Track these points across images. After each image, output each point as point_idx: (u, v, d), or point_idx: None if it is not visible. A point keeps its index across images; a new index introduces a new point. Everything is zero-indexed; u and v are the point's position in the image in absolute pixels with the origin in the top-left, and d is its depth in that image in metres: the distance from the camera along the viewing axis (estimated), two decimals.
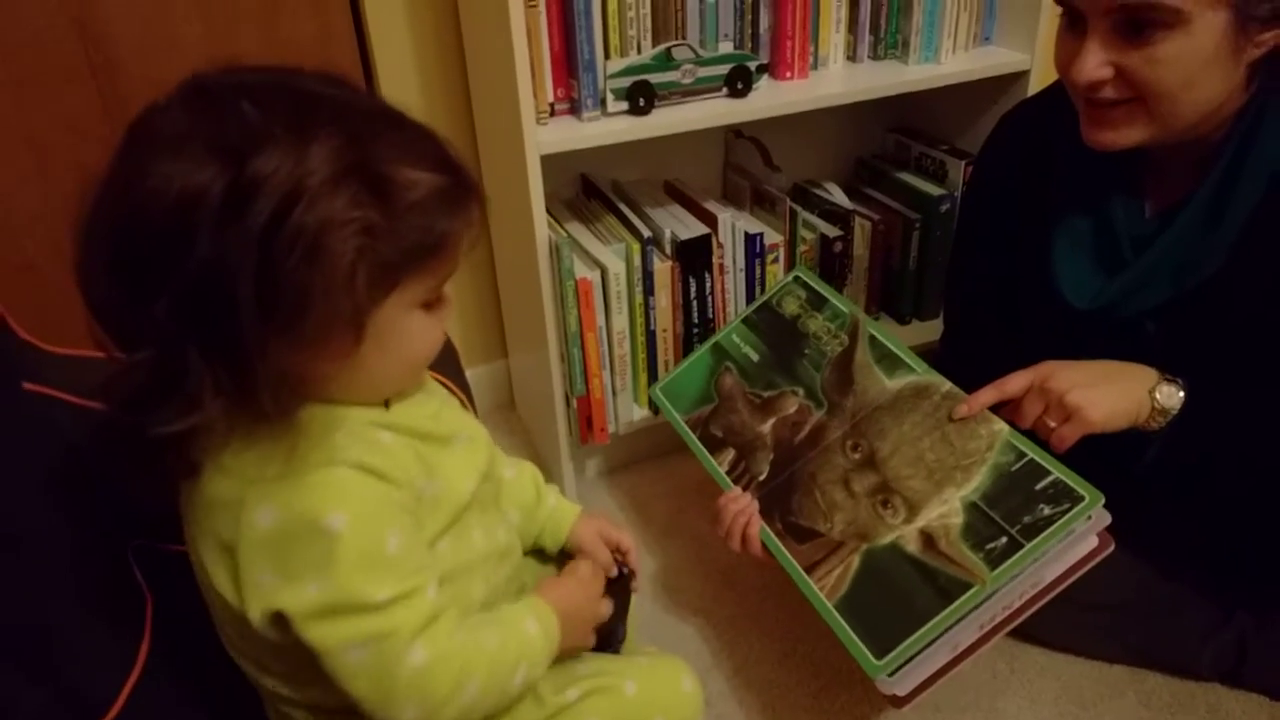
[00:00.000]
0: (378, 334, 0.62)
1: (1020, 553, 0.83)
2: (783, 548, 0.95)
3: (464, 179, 0.65)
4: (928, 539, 0.88)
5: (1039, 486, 0.86)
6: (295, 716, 0.73)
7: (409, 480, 0.67)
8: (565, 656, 0.79)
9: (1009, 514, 0.86)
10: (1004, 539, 0.84)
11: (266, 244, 0.54)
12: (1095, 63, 0.86)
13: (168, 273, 0.55)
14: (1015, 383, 0.93)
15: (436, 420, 0.73)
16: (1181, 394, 0.91)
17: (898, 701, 0.86)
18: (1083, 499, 0.83)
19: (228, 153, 0.55)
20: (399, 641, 0.64)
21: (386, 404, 0.70)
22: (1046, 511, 0.84)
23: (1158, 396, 0.91)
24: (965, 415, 0.94)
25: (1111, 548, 0.86)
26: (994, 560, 0.84)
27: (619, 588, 0.88)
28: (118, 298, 0.57)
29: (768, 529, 0.97)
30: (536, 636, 0.74)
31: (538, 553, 0.92)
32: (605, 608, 0.84)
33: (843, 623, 0.88)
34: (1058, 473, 0.86)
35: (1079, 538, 0.84)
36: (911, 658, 0.84)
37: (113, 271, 0.57)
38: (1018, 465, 0.88)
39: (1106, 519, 0.84)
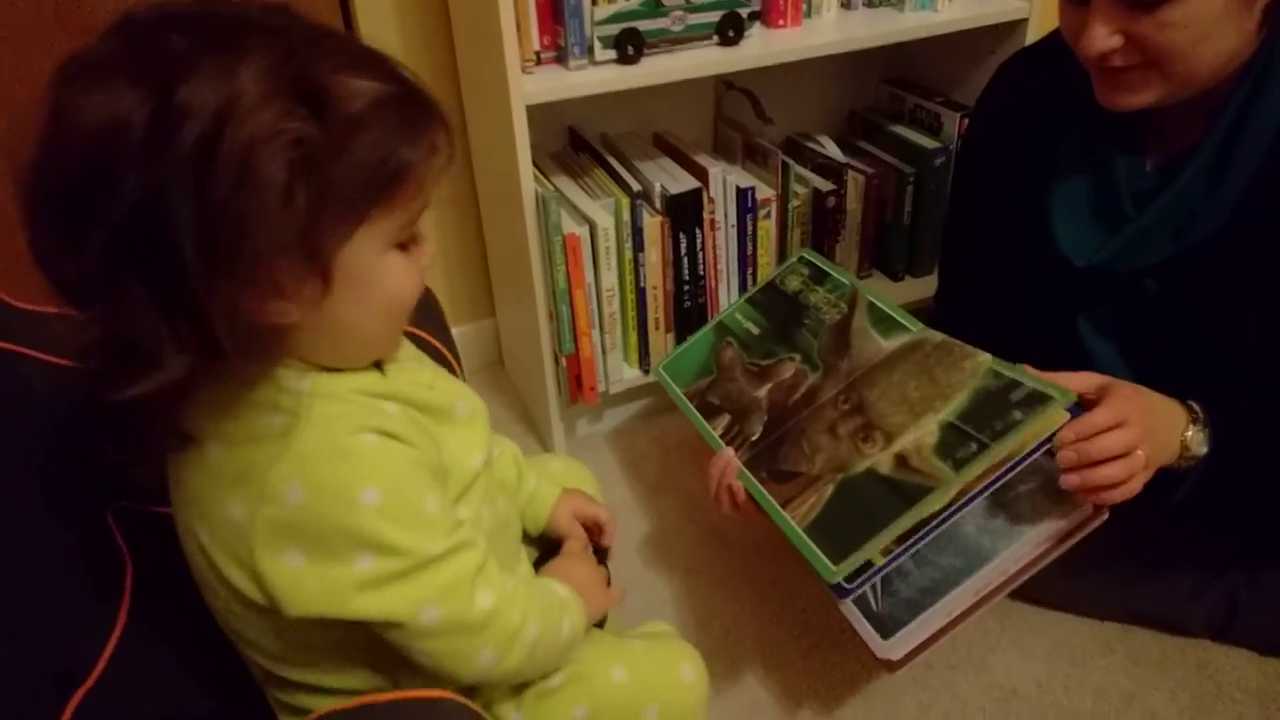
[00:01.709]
0: (349, 278, 0.59)
1: (986, 452, 0.82)
2: (761, 488, 0.94)
3: (419, 96, 0.60)
4: (901, 459, 0.88)
5: (1013, 397, 0.85)
6: (301, 703, 0.71)
7: (423, 440, 0.65)
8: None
9: (981, 425, 0.85)
10: (974, 445, 0.84)
11: (196, 171, 0.51)
12: (1104, 33, 0.83)
13: (97, 211, 0.52)
14: (1117, 438, 0.82)
15: (433, 390, 0.70)
16: (1207, 438, 0.88)
17: (891, 666, 0.86)
18: (1052, 399, 0.82)
19: (153, 81, 0.51)
20: (465, 589, 0.65)
21: (381, 369, 0.67)
22: (1017, 416, 0.83)
23: (1188, 443, 0.88)
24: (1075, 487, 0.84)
25: (1106, 516, 0.85)
26: (960, 464, 0.83)
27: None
28: (56, 244, 0.54)
29: (747, 473, 0.96)
30: (568, 595, 0.76)
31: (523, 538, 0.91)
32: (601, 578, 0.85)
33: (809, 542, 0.87)
34: (1033, 384, 0.85)
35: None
36: (869, 567, 0.83)
37: (47, 216, 0.54)
38: (996, 385, 0.88)
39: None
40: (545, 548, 0.91)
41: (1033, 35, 1.37)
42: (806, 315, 1.08)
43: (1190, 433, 0.88)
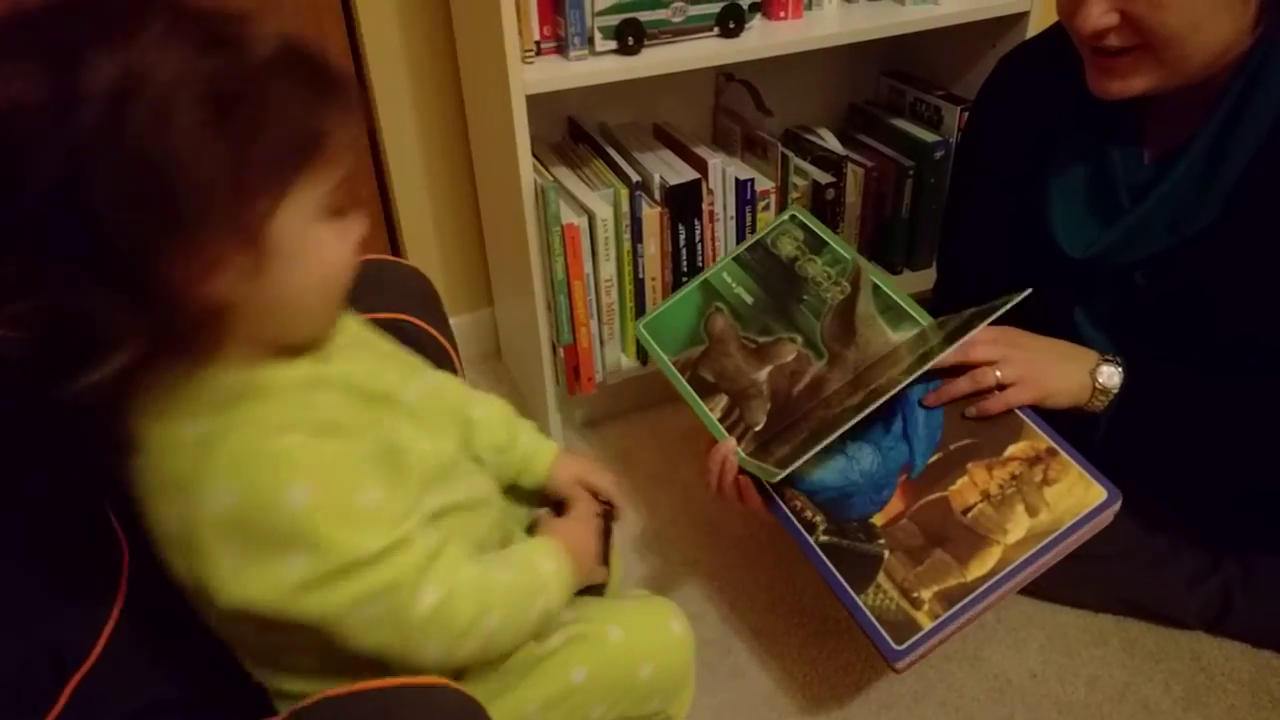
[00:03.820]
0: (281, 250, 0.58)
1: (943, 345, 0.87)
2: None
3: (322, 60, 0.60)
4: (871, 390, 0.90)
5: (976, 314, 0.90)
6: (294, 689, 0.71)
7: (365, 429, 0.64)
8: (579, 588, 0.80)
9: (945, 340, 0.89)
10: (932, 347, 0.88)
11: (110, 134, 0.50)
12: (1100, 10, 0.83)
13: (18, 195, 0.50)
14: (981, 351, 0.92)
15: (375, 379, 0.69)
16: (1121, 373, 0.92)
17: (896, 669, 0.86)
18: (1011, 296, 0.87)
19: (51, 55, 0.50)
20: (407, 586, 0.63)
21: (322, 358, 0.66)
22: (970, 314, 0.88)
23: (1099, 377, 0.92)
24: (934, 405, 0.93)
25: (1115, 510, 0.85)
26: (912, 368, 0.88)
27: (603, 528, 0.87)
28: None
29: (753, 464, 0.95)
30: (551, 572, 0.75)
31: (520, 496, 0.90)
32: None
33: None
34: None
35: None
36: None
37: None
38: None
39: None
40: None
41: (1033, 29, 1.36)
42: (805, 290, 1.05)
43: (1104, 369, 0.92)
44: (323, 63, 0.60)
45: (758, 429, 0.98)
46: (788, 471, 0.86)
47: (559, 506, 0.89)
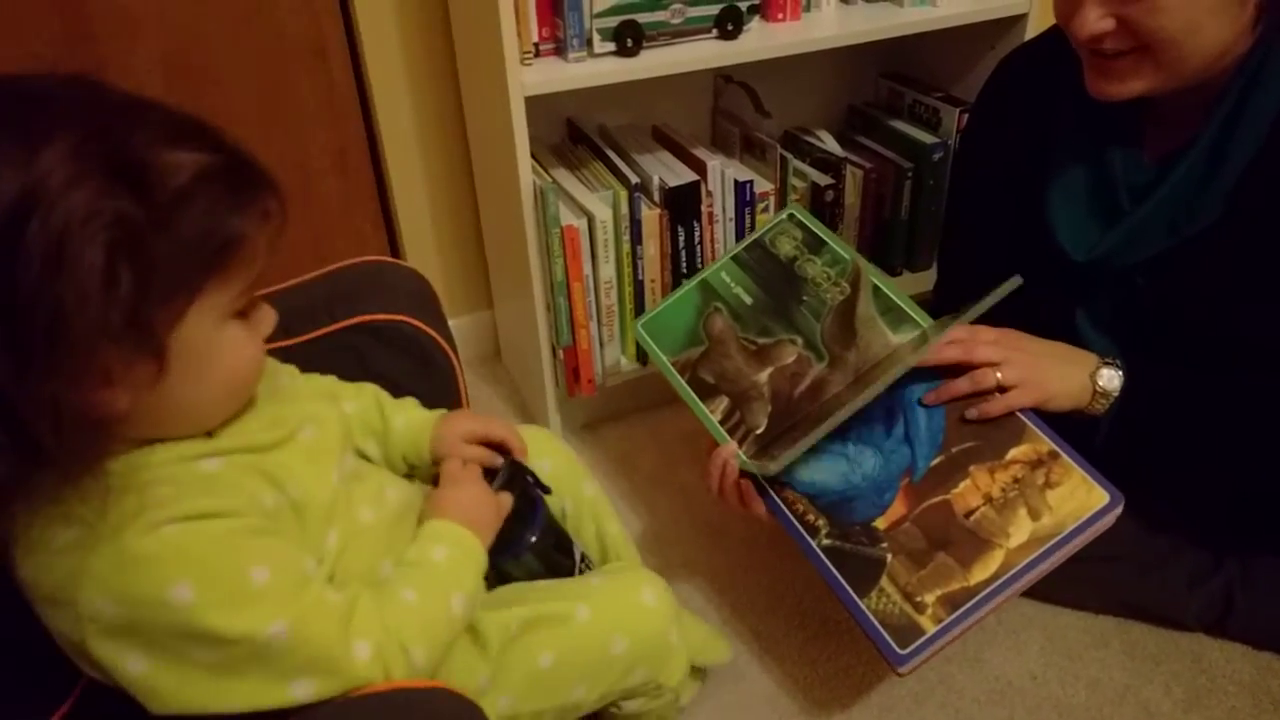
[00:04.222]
0: (186, 356, 0.56)
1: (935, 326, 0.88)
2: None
3: (246, 163, 0.58)
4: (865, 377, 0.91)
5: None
6: None
7: (250, 503, 0.61)
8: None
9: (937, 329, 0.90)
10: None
11: (1, 267, 0.47)
12: (1096, 15, 0.83)
13: None
14: (982, 352, 0.92)
15: (274, 427, 0.66)
16: (1121, 376, 0.92)
17: (899, 673, 0.85)
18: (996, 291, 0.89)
19: None
20: (334, 649, 0.61)
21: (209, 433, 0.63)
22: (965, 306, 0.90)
23: (1099, 380, 0.92)
24: (933, 403, 0.93)
25: (1117, 513, 0.85)
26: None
27: (514, 485, 0.83)
28: None
29: (743, 455, 0.95)
30: (449, 561, 0.71)
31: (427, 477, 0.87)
32: (505, 500, 0.80)
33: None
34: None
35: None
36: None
37: None
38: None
39: None
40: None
41: (1032, 30, 1.37)
42: (804, 291, 1.04)
43: (1104, 372, 0.92)
44: (243, 169, 0.58)
45: (759, 431, 0.97)
46: (782, 463, 0.86)
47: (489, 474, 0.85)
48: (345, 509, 0.70)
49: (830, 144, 1.51)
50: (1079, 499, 0.84)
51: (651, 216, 1.33)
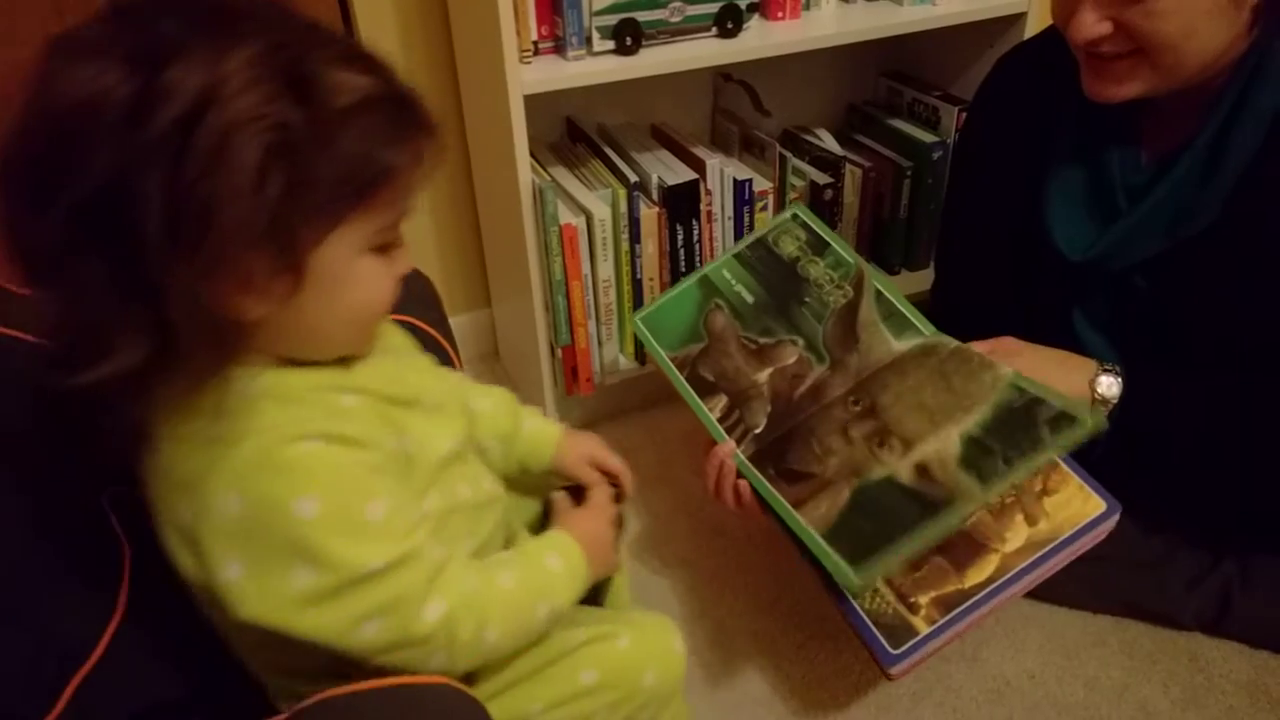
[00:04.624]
0: (321, 279, 0.58)
1: (1013, 469, 0.82)
2: (770, 486, 0.92)
3: (410, 101, 0.60)
4: (922, 469, 0.87)
5: (1040, 415, 0.85)
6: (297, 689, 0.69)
7: (379, 441, 0.63)
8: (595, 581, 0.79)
9: (1008, 441, 0.85)
10: (1001, 461, 0.83)
11: (171, 151, 0.50)
12: (1093, 18, 0.83)
13: (67, 181, 0.51)
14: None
15: (398, 383, 0.69)
16: (1119, 383, 0.92)
17: (891, 676, 0.85)
18: (1079, 420, 0.83)
19: (141, 60, 0.51)
20: (412, 601, 0.62)
21: (346, 363, 0.66)
22: (1045, 435, 0.83)
23: (1098, 388, 0.92)
24: None
25: (1117, 516, 0.85)
26: (986, 478, 0.83)
27: (616, 515, 0.86)
28: (24, 212, 0.53)
29: (752, 468, 0.94)
30: (559, 572, 0.74)
31: (528, 487, 0.90)
32: (619, 558, 0.83)
33: (826, 548, 0.86)
34: (1061, 404, 0.85)
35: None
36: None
37: (19, 182, 0.53)
38: (1020, 402, 0.87)
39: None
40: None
41: (1031, 29, 1.37)
42: (807, 293, 1.03)
43: (1102, 379, 0.93)
44: (407, 105, 0.60)
45: (758, 431, 0.97)
46: (868, 581, 0.84)
47: (575, 490, 0.88)
48: (447, 479, 0.71)
49: (829, 143, 1.51)
50: (1075, 506, 0.84)
51: (650, 215, 1.33)
